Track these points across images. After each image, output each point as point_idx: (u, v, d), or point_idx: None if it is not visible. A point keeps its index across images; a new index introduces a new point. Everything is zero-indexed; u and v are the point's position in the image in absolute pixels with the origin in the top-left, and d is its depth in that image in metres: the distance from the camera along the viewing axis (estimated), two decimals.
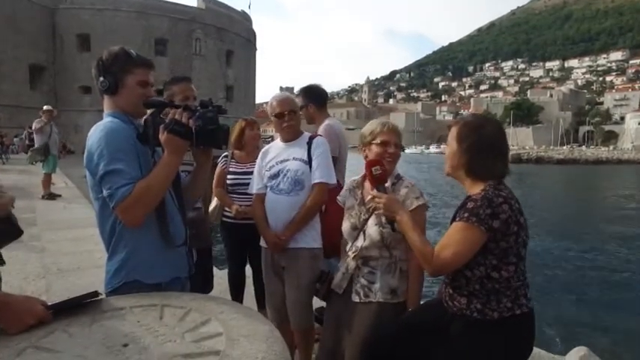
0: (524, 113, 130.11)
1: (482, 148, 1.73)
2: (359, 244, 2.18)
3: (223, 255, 3.80)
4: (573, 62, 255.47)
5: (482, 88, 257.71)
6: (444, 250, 1.68)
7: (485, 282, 1.67)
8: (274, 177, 2.59)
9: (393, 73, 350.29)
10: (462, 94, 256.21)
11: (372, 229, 2.13)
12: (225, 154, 3.54)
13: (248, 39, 48.22)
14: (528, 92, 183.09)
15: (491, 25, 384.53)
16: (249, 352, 1.08)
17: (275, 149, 2.70)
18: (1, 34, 32.36)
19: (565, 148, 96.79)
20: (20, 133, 24.32)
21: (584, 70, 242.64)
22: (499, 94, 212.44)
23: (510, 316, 1.66)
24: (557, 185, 36.21)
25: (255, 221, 2.68)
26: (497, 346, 1.67)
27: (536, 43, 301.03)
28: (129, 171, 1.56)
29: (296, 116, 2.63)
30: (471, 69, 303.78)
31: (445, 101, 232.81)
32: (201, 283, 2.78)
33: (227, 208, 3.38)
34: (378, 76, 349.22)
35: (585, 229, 16.14)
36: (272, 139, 2.96)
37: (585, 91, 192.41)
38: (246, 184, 2.93)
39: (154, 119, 1.67)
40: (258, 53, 52.53)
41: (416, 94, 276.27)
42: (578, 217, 19.17)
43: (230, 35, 44.39)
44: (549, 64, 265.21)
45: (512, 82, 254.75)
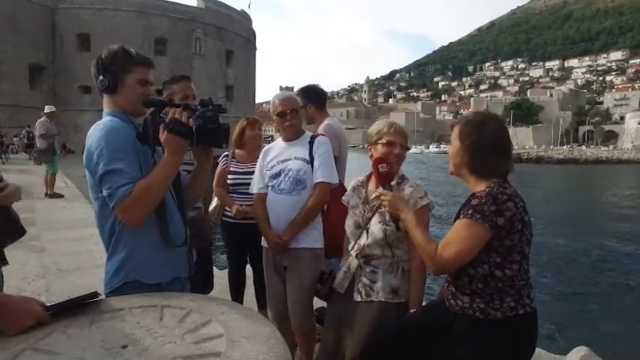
0: (524, 113, 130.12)
1: (484, 145, 1.71)
2: (362, 242, 2.18)
3: (224, 254, 3.78)
4: (573, 62, 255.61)
5: (482, 87, 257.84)
6: (447, 247, 1.67)
7: (489, 280, 1.66)
8: (275, 176, 2.57)
9: (393, 73, 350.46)
10: (462, 93, 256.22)
11: (376, 227, 2.13)
12: (225, 153, 3.52)
13: (248, 39, 48.17)
14: (528, 92, 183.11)
15: (491, 24, 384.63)
16: (250, 353, 1.07)
17: (276, 148, 2.67)
18: (1, 34, 32.28)
19: (565, 147, 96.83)
20: (20, 132, 24.31)
21: (584, 69, 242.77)
22: (499, 94, 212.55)
23: (514, 315, 1.65)
24: (557, 185, 36.19)
25: (257, 221, 2.66)
26: (499, 346, 1.65)
27: (536, 42, 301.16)
28: (129, 170, 1.55)
29: (298, 115, 2.61)
30: (470, 69, 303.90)
31: (445, 101, 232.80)
32: (201, 283, 2.77)
33: (227, 208, 3.37)
34: (378, 76, 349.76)
35: (586, 228, 16.14)
36: (272, 139, 2.95)
37: (585, 90, 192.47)
38: (247, 184, 2.90)
39: (154, 118, 1.65)
40: (258, 53, 52.48)
41: (416, 94, 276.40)
42: (579, 217, 19.16)
43: (230, 35, 44.33)
44: (549, 64, 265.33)
45: (512, 81, 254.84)
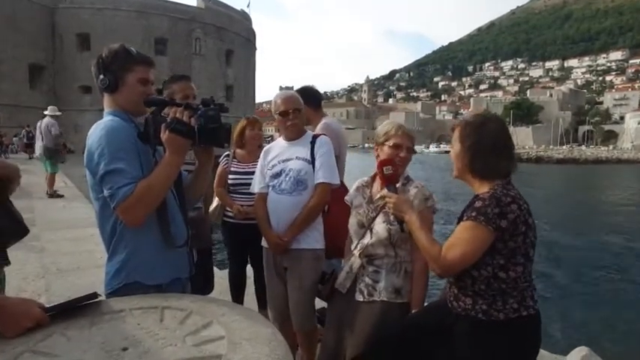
0: (523, 113, 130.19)
1: (484, 146, 1.70)
2: (365, 241, 2.17)
3: (224, 254, 3.77)
4: (573, 62, 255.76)
5: (482, 87, 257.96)
6: (451, 249, 1.66)
7: (492, 282, 1.65)
8: (276, 176, 2.55)
9: (393, 73, 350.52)
10: (462, 93, 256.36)
11: (380, 226, 2.12)
12: (226, 153, 3.51)
13: (248, 38, 48.16)
14: (528, 92, 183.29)
15: (491, 24, 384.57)
16: (252, 356, 1.06)
17: (277, 148, 2.65)
18: (1, 34, 32.25)
19: (565, 147, 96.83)
20: (20, 132, 24.29)
21: (584, 69, 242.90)
22: (499, 94, 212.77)
23: (516, 317, 1.64)
24: (556, 185, 36.17)
25: (257, 221, 2.64)
26: (502, 348, 1.64)
27: (536, 42, 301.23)
28: (130, 170, 1.54)
29: (300, 115, 2.58)
30: (470, 69, 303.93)
31: (445, 101, 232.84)
32: (202, 283, 2.76)
33: (228, 208, 3.36)
34: (378, 76, 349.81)
35: (586, 228, 16.14)
36: (272, 139, 2.93)
37: (585, 90, 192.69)
38: (248, 184, 2.88)
39: (155, 118, 1.64)
40: (257, 53, 52.52)
41: (415, 94, 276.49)
42: (579, 217, 19.16)
43: (230, 35, 44.33)
44: (549, 64, 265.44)
45: (511, 81, 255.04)
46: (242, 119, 3.46)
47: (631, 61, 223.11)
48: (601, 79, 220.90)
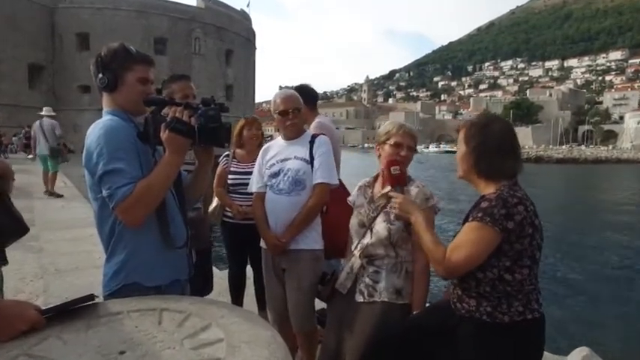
0: (523, 113, 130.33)
1: (489, 147, 1.69)
2: (365, 241, 2.15)
3: (224, 255, 3.76)
4: (573, 62, 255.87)
5: (482, 87, 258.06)
6: (456, 251, 1.63)
7: (497, 284, 1.63)
8: (274, 176, 2.52)
9: (393, 73, 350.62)
10: (462, 93, 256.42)
11: (380, 225, 2.11)
12: (226, 153, 3.50)
13: (247, 38, 48.14)
14: (527, 92, 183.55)
15: (491, 24, 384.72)
16: (251, 359, 1.04)
17: (276, 147, 2.63)
18: (1, 34, 32.23)
19: (564, 147, 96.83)
20: (19, 132, 24.26)
21: (584, 69, 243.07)
22: (498, 94, 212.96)
23: (521, 320, 1.62)
24: (556, 184, 36.16)
25: (255, 222, 2.62)
26: (506, 351, 1.62)
27: (536, 42, 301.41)
28: (129, 170, 1.52)
29: (300, 114, 2.56)
30: (470, 68, 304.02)
31: (444, 100, 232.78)
32: (201, 284, 2.74)
33: (228, 208, 3.34)
34: (378, 76, 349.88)
35: (586, 228, 16.13)
36: (271, 139, 2.91)
37: (584, 90, 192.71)
38: (247, 184, 2.85)
39: (155, 117, 1.62)
40: (257, 52, 52.53)
41: (415, 94, 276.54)
42: (579, 216, 19.16)
43: (229, 34, 44.31)
44: (549, 64, 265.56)
45: (511, 81, 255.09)
46: (241, 119, 3.44)
47: (630, 61, 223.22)
48: (600, 78, 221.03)
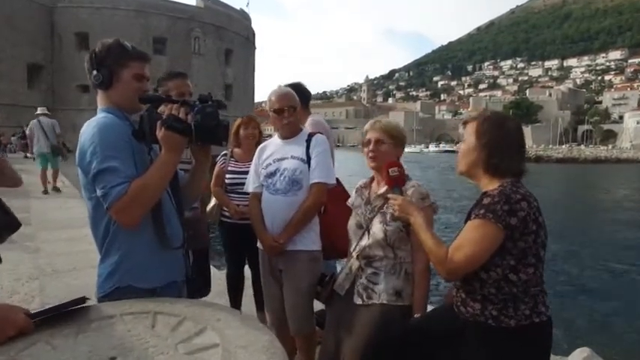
0: (523, 112, 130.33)
1: (505, 144, 1.67)
2: (363, 243, 2.12)
3: (222, 255, 3.73)
4: (572, 61, 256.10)
5: (482, 87, 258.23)
6: (458, 250, 1.59)
7: (502, 285, 1.59)
8: (271, 175, 2.47)
9: (393, 72, 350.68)
10: (461, 93, 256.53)
11: (376, 227, 2.08)
12: (224, 152, 3.47)
13: (247, 38, 48.09)
14: (527, 91, 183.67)
15: (491, 24, 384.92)
16: None
17: (272, 146, 2.58)
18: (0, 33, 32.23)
19: (564, 147, 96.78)
20: (18, 132, 24.20)
21: (583, 69, 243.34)
22: (498, 93, 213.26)
23: (529, 324, 1.57)
24: (556, 184, 36.14)
25: (252, 222, 2.57)
26: (512, 355, 1.58)
27: (536, 42, 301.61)
28: (124, 169, 1.48)
29: (296, 112, 2.50)
30: (470, 68, 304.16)
31: (444, 100, 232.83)
32: (199, 285, 2.70)
33: (225, 208, 3.31)
34: (377, 75, 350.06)
35: (587, 227, 16.11)
36: (270, 138, 2.87)
37: (584, 90, 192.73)
38: (245, 184, 2.83)
39: (151, 115, 1.59)
40: (257, 52, 52.46)
41: (415, 93, 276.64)
42: (580, 216, 19.14)
43: (229, 34, 44.25)
44: (548, 63, 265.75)
45: (511, 81, 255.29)
46: (238, 118, 3.42)
47: (630, 61, 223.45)
48: (600, 78, 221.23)
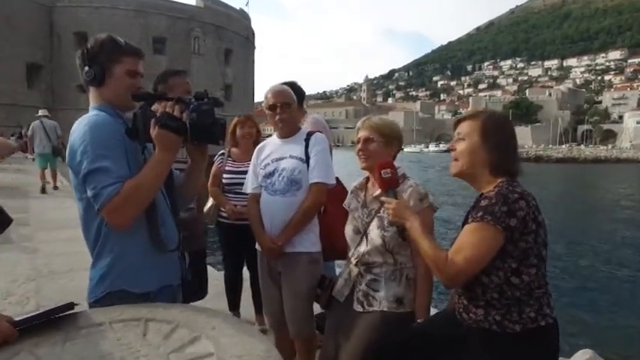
0: (522, 112, 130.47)
1: (508, 144, 1.65)
2: (361, 249, 2.05)
3: (218, 256, 3.67)
4: (572, 61, 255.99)
5: (481, 87, 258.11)
6: (458, 255, 1.53)
7: (505, 289, 1.53)
8: (269, 176, 2.41)
9: (392, 72, 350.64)
10: (461, 93, 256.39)
11: (374, 232, 2.00)
12: (221, 151, 3.41)
13: (247, 37, 48.04)
14: (527, 91, 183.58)
15: (490, 24, 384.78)
16: None
17: (271, 146, 2.52)
18: None
19: (564, 147, 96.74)
20: (17, 132, 24.11)
21: (583, 69, 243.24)
22: (498, 93, 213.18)
23: (534, 328, 1.52)
24: (556, 184, 36.10)
25: (250, 224, 2.52)
26: None
27: (535, 42, 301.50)
28: (115, 169, 1.42)
29: (290, 109, 2.43)
30: (469, 68, 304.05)
31: (444, 100, 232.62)
32: (195, 288, 2.64)
33: (223, 208, 3.25)
34: (377, 75, 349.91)
35: (588, 227, 16.06)
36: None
37: (584, 90, 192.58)
38: (243, 184, 2.76)
39: (144, 112, 1.53)
40: (257, 52, 52.44)
41: (415, 93, 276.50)
42: (580, 216, 19.09)
43: (229, 34, 44.20)
44: (548, 63, 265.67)
45: (510, 81, 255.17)
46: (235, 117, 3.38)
47: (630, 61, 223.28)
48: (600, 78, 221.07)
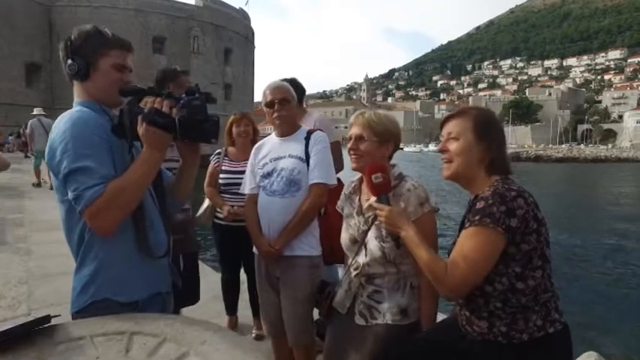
0: (522, 112, 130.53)
1: (503, 139, 1.58)
2: (360, 260, 1.88)
3: (215, 257, 3.58)
4: (572, 61, 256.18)
5: (481, 86, 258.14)
6: (457, 263, 1.41)
7: (509, 297, 1.42)
8: (267, 176, 2.30)
9: (392, 72, 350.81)
10: (461, 92, 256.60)
11: (372, 243, 1.83)
12: (218, 151, 3.31)
13: (246, 37, 47.94)
14: (527, 91, 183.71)
15: (490, 23, 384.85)
16: None
17: (269, 145, 2.42)
18: None
19: (564, 146, 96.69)
20: (16, 131, 23.99)
21: (583, 68, 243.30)
22: (498, 93, 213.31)
23: (543, 336, 1.41)
24: (556, 183, 36.00)
25: (247, 226, 2.41)
26: None
27: (535, 41, 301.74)
28: (99, 169, 1.32)
29: (289, 106, 2.32)
30: (469, 67, 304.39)
31: (444, 100, 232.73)
32: (187, 292, 2.54)
33: (219, 209, 3.15)
34: (377, 75, 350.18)
35: (590, 227, 15.93)
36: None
37: (584, 89, 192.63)
38: (240, 184, 2.65)
39: (132, 109, 1.43)
40: (256, 51, 52.31)
41: (414, 93, 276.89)
42: (581, 216, 18.97)
43: (228, 33, 44.10)
44: (548, 63, 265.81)
45: (510, 80, 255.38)
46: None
47: (629, 60, 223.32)
48: (600, 77, 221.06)
